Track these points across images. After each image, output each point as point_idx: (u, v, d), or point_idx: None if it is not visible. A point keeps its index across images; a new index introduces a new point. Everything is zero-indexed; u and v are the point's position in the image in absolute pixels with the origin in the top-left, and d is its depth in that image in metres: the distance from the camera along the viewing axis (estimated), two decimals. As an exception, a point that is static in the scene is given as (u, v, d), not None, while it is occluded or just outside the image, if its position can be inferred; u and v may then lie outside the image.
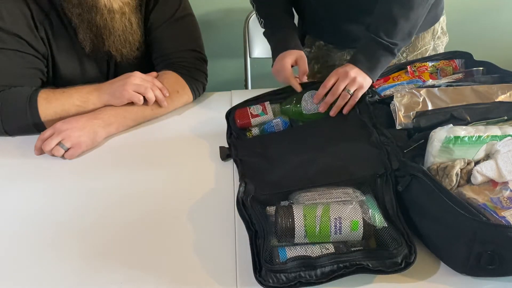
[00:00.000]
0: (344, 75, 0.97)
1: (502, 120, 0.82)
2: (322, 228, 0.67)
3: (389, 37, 0.97)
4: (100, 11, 1.03)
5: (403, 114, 0.86)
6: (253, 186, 0.80)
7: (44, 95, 1.01)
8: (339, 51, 1.35)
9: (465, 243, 0.64)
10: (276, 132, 0.98)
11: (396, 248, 0.65)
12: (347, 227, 0.67)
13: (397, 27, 0.97)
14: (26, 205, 0.85)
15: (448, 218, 0.66)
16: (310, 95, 0.99)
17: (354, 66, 0.98)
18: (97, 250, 0.74)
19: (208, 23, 1.83)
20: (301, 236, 0.67)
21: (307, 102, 0.99)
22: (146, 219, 0.80)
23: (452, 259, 0.68)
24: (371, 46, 0.99)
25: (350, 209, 0.68)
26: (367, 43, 1.00)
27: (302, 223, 0.67)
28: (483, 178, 0.71)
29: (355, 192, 0.73)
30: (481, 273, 0.66)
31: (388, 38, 0.97)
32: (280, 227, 0.67)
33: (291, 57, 1.07)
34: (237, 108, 1.04)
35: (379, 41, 0.97)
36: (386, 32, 0.97)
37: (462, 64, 1.04)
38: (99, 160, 0.97)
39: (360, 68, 0.97)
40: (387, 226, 0.69)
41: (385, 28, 0.98)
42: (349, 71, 0.96)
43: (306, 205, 0.70)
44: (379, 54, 0.98)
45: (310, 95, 0.99)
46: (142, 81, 1.05)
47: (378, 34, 0.98)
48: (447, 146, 0.74)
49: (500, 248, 0.62)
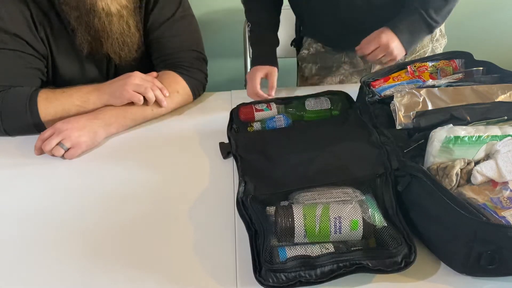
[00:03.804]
0: (385, 46, 1.01)
1: (502, 120, 0.82)
2: (322, 227, 0.67)
3: (436, 15, 1.00)
4: (98, 14, 1.03)
5: (403, 114, 0.86)
6: (252, 185, 0.80)
7: (44, 95, 1.01)
8: (337, 53, 1.35)
9: (465, 243, 0.64)
10: (277, 129, 0.98)
11: (396, 248, 0.65)
12: (347, 226, 0.66)
13: (446, 7, 1.01)
14: (26, 205, 0.85)
15: (448, 218, 0.66)
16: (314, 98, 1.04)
17: (396, 38, 1.01)
18: (97, 250, 0.74)
19: (208, 23, 1.83)
20: (301, 235, 0.67)
21: (311, 101, 1.02)
22: (146, 219, 0.80)
23: (452, 259, 0.67)
24: (416, 22, 1.02)
25: (349, 208, 0.68)
26: (413, 17, 1.03)
27: (302, 223, 0.67)
28: (483, 178, 0.71)
29: (354, 191, 0.73)
30: (481, 273, 0.66)
31: (436, 15, 1.00)
32: (280, 226, 0.67)
33: (262, 71, 1.14)
34: (243, 104, 1.06)
35: (425, 18, 1.01)
36: (436, 9, 1.00)
37: (462, 64, 1.04)
38: (99, 160, 0.97)
39: (402, 41, 1.01)
40: (386, 225, 0.69)
41: (436, 6, 1.00)
42: (391, 44, 1.00)
43: (306, 204, 0.70)
44: (421, 30, 1.02)
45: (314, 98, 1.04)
46: (142, 81, 1.05)
47: (427, 11, 1.00)
48: (447, 146, 0.74)
49: (500, 248, 0.62)
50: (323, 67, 1.38)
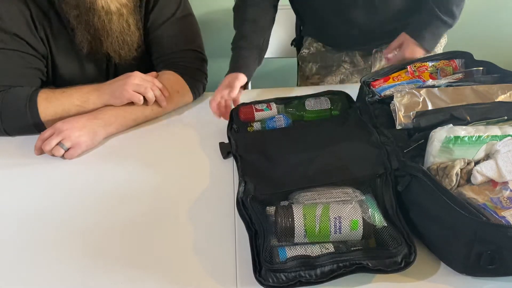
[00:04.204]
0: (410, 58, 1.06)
1: (502, 120, 0.82)
2: (322, 227, 0.67)
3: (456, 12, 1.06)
4: (98, 13, 1.02)
5: (403, 114, 0.86)
6: (253, 185, 0.80)
7: (44, 95, 1.01)
8: (337, 53, 1.35)
9: (465, 243, 0.64)
10: (276, 129, 0.98)
11: (396, 248, 0.65)
12: (347, 226, 0.67)
13: (461, 4, 1.06)
14: (26, 205, 0.85)
15: (448, 218, 0.66)
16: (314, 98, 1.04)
17: (420, 49, 1.06)
18: (97, 250, 0.74)
19: (208, 23, 1.83)
20: (301, 235, 0.67)
21: (311, 101, 1.02)
22: (146, 219, 0.80)
23: (452, 259, 0.67)
24: (437, 24, 1.07)
25: (349, 208, 0.68)
26: (433, 21, 1.07)
27: (302, 223, 0.67)
28: (483, 178, 0.71)
29: (354, 192, 0.73)
30: (481, 273, 0.66)
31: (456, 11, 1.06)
32: (280, 226, 0.67)
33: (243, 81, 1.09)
34: (243, 104, 1.05)
35: (444, 20, 1.05)
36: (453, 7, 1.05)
37: (462, 64, 1.04)
38: (99, 160, 0.97)
39: (426, 48, 1.07)
40: (386, 225, 0.69)
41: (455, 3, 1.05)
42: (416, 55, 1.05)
43: (306, 204, 0.70)
44: (441, 32, 1.08)
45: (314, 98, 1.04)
46: (142, 81, 1.05)
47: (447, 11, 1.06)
48: (447, 146, 0.74)
49: (500, 248, 0.62)
50: (324, 66, 1.38)
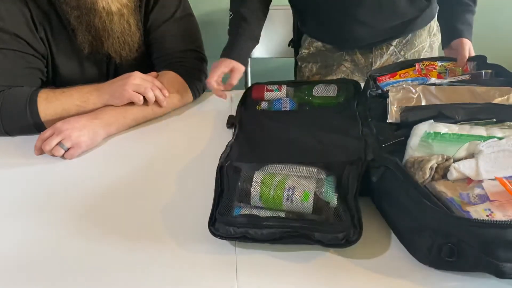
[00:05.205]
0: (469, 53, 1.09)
1: (491, 122, 0.81)
2: (276, 194, 0.72)
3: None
4: (99, 13, 1.03)
5: (395, 108, 0.86)
6: (237, 152, 0.88)
7: (44, 95, 1.01)
8: (338, 52, 1.35)
9: (429, 234, 0.66)
10: (279, 111, 1.04)
11: (341, 225, 0.69)
12: (298, 196, 0.71)
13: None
14: (26, 205, 0.85)
15: (415, 209, 0.68)
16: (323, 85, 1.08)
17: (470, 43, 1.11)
18: (98, 250, 0.74)
19: (208, 23, 1.82)
20: (256, 198, 0.72)
21: (319, 87, 1.07)
22: (146, 219, 0.80)
23: (417, 249, 0.69)
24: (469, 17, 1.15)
25: (305, 181, 0.73)
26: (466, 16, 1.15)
27: (258, 187, 0.73)
28: (459, 175, 0.71)
29: (319, 172, 0.77)
30: (442, 265, 0.66)
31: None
32: (239, 188, 0.74)
33: (228, 66, 1.13)
34: (257, 83, 1.12)
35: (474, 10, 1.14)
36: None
37: (474, 67, 1.04)
38: (99, 160, 0.97)
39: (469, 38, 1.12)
40: (337, 204, 0.72)
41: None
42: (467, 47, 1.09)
43: (269, 173, 0.75)
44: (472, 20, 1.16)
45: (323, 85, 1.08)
46: (142, 81, 1.05)
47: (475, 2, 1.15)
48: (425, 141, 0.75)
49: (460, 242, 0.63)
50: (324, 66, 1.38)
